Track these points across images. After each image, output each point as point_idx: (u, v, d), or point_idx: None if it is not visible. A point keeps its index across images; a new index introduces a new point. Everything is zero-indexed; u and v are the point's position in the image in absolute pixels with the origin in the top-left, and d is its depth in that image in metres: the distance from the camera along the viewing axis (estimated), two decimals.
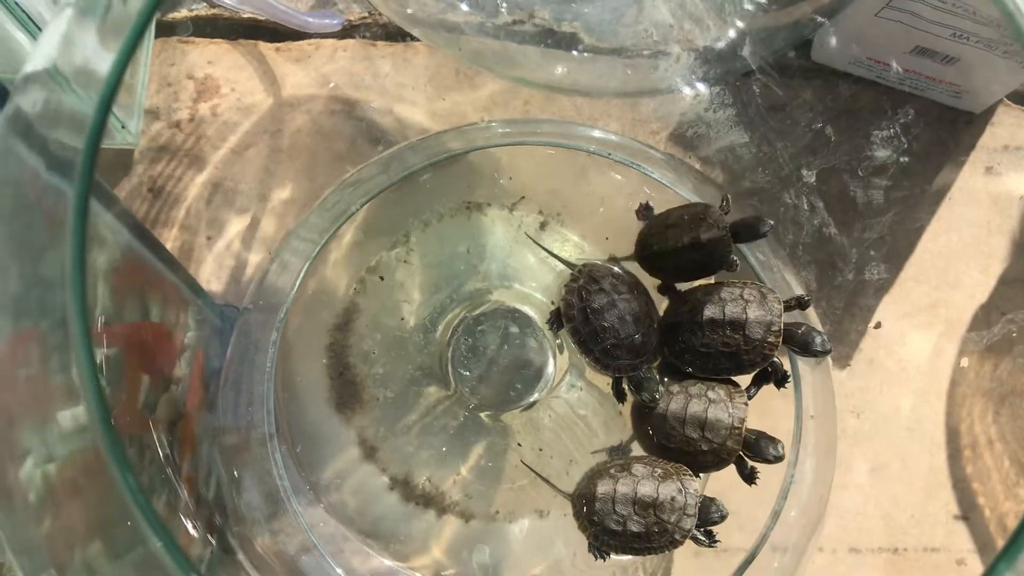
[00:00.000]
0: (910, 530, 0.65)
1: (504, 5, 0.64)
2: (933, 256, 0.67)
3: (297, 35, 0.69)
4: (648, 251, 0.58)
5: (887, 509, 0.65)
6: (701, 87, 0.66)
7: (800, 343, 0.55)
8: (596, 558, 0.54)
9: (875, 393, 0.66)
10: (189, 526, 0.51)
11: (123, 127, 0.64)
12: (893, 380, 0.66)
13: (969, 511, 0.65)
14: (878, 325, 0.66)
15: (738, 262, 0.57)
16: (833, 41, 0.66)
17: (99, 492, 0.31)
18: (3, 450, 0.31)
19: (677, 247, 0.56)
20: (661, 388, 0.55)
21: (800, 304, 0.56)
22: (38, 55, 0.34)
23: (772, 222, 0.56)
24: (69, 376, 0.31)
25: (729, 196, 0.58)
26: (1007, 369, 0.66)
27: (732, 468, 0.56)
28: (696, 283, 0.58)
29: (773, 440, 0.54)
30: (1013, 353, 0.66)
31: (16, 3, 0.55)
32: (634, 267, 0.59)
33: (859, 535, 0.65)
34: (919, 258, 0.67)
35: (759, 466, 0.55)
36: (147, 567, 0.31)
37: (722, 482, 0.56)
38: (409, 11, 0.63)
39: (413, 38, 0.69)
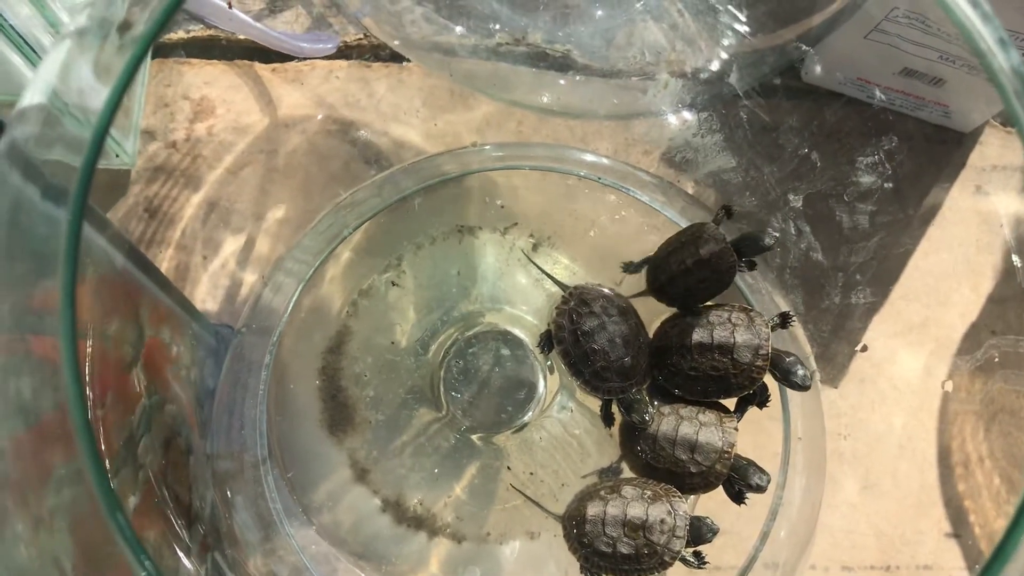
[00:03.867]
0: (902, 548, 0.65)
1: (497, 27, 0.64)
2: (923, 275, 0.68)
3: (292, 56, 0.69)
4: (658, 283, 0.58)
5: (879, 527, 0.65)
6: (688, 113, 0.66)
7: (783, 371, 0.55)
8: None
9: (867, 412, 0.66)
10: (182, 547, 0.51)
11: (123, 144, 0.64)
12: (885, 399, 0.66)
13: (961, 529, 0.65)
14: (864, 348, 0.66)
15: (753, 265, 0.57)
16: (823, 63, 0.67)
17: (88, 519, 0.31)
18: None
19: (683, 269, 0.56)
20: (651, 410, 0.55)
21: (784, 322, 0.57)
22: (36, 85, 0.35)
23: (777, 234, 0.56)
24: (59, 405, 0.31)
25: (729, 206, 0.58)
26: (998, 387, 0.66)
27: (724, 498, 0.56)
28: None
29: (761, 471, 0.55)
30: (996, 378, 0.66)
31: (12, 27, 0.55)
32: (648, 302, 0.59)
33: (851, 553, 0.65)
34: (909, 277, 0.68)
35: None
36: None
37: (714, 500, 0.56)
38: (403, 34, 0.64)
39: (408, 58, 0.69)
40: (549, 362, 0.63)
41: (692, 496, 0.58)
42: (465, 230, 0.64)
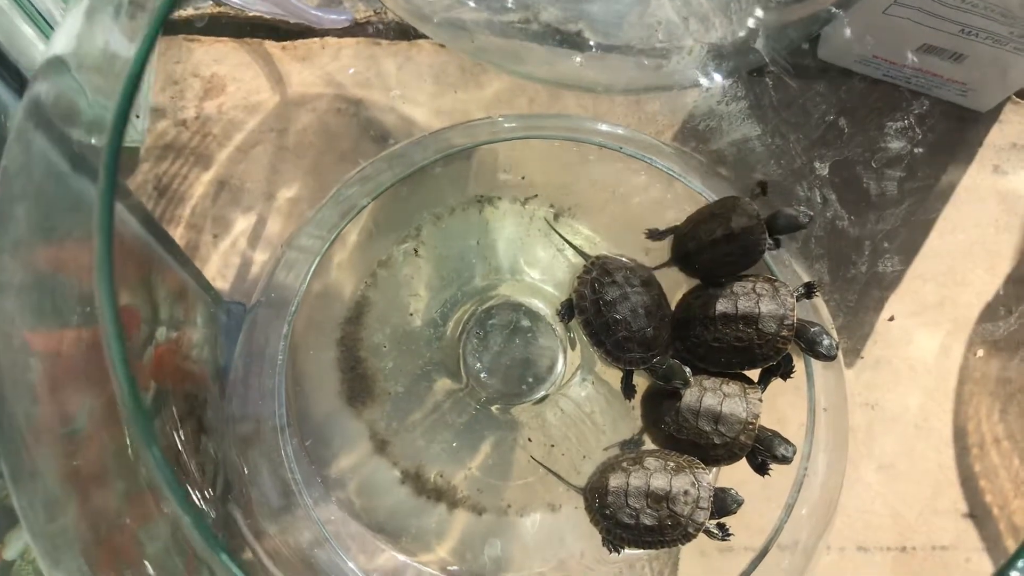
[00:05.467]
0: (918, 528, 0.65)
1: (510, 2, 0.64)
2: (940, 254, 0.67)
3: (303, 33, 0.69)
4: (683, 251, 0.58)
5: (895, 507, 0.65)
6: (715, 79, 0.66)
7: (808, 341, 0.55)
8: (610, 552, 0.54)
9: (883, 391, 0.66)
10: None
11: (133, 121, 0.63)
12: (901, 378, 0.66)
13: (977, 509, 0.65)
14: (891, 318, 0.66)
15: (778, 243, 0.56)
16: (840, 38, 0.66)
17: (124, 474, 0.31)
18: (28, 432, 0.31)
19: (711, 241, 0.55)
20: (688, 369, 0.54)
21: (808, 292, 0.56)
22: (54, 47, 0.35)
23: (811, 212, 0.55)
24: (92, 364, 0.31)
25: (766, 182, 0.58)
26: (1015, 367, 0.66)
27: (745, 465, 0.56)
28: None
29: (786, 441, 0.54)
30: (1015, 357, 0.66)
31: None
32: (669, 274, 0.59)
33: (867, 533, 0.65)
34: (926, 256, 0.67)
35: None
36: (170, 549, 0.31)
37: (733, 480, 0.56)
38: (417, 8, 0.64)
39: (418, 36, 0.69)
40: (570, 334, 0.63)
41: (715, 469, 0.57)
42: (485, 200, 0.64)
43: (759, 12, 0.62)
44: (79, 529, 0.32)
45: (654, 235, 0.60)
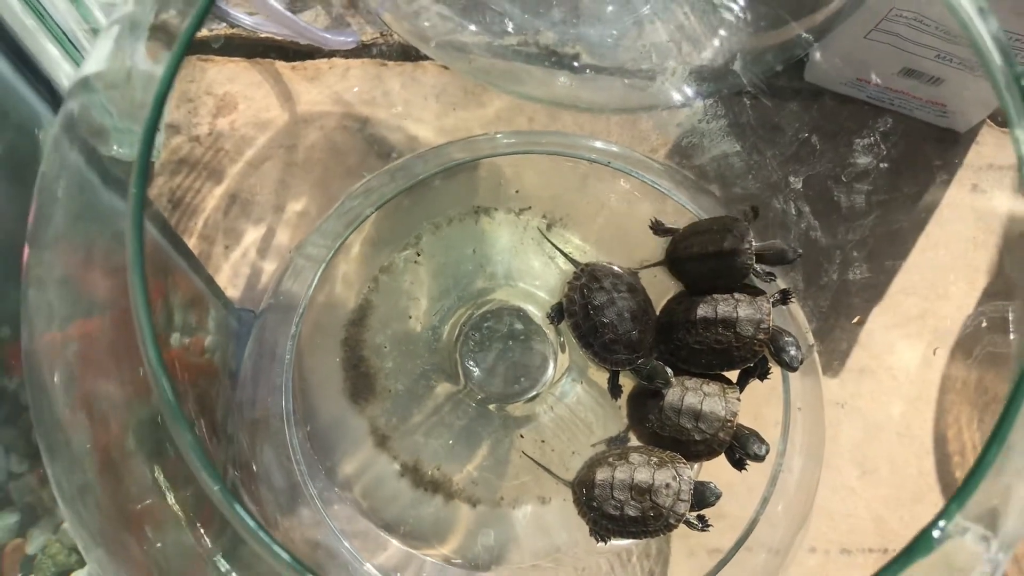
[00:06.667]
0: (900, 532, 0.66)
1: (510, 27, 0.66)
2: (922, 269, 0.69)
3: (311, 54, 0.71)
4: (677, 255, 0.60)
5: (878, 511, 0.66)
6: (695, 100, 0.68)
7: (777, 347, 0.57)
8: (597, 541, 0.56)
9: (866, 400, 0.68)
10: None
11: None
12: (884, 387, 0.68)
13: None
14: (860, 321, 0.68)
15: (772, 276, 0.58)
16: (823, 62, 0.68)
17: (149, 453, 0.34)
18: (64, 412, 0.34)
19: (701, 254, 0.58)
20: (670, 370, 0.57)
21: (784, 298, 0.59)
22: (85, 68, 0.37)
23: (800, 250, 0.58)
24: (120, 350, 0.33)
25: (757, 208, 0.60)
26: (991, 378, 0.67)
27: (725, 466, 0.58)
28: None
29: (761, 440, 0.57)
30: (983, 342, 0.67)
31: (52, 19, 0.58)
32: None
33: (850, 536, 0.66)
34: (908, 271, 0.69)
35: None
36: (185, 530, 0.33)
37: (718, 476, 0.58)
38: (421, 30, 0.66)
39: (422, 57, 0.71)
40: (561, 338, 0.65)
41: (696, 464, 0.60)
42: (481, 211, 0.66)
43: (741, 37, 0.64)
44: (109, 506, 0.35)
45: (658, 228, 0.62)
